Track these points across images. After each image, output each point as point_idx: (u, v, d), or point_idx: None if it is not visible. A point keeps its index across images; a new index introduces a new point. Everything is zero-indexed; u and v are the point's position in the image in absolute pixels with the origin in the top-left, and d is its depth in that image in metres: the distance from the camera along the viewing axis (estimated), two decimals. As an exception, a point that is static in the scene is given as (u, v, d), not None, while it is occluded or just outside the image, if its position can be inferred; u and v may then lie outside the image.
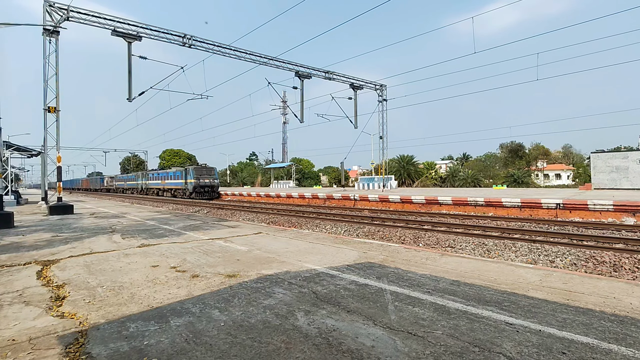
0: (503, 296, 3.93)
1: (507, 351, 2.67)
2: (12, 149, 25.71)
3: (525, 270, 5.15)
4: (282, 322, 3.30)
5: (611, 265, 6.96)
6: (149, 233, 9.44)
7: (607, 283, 4.44)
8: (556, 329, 3.05)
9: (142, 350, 2.75)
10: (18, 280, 4.90)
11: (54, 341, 2.95)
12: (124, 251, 6.90)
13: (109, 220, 13.26)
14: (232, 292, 4.19)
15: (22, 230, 10.24)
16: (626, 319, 3.25)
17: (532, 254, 7.99)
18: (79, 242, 8.03)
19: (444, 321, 3.26)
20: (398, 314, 3.44)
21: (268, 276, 4.91)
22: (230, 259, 6.09)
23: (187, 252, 6.67)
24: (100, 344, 2.89)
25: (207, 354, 2.70)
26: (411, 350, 2.71)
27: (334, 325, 3.19)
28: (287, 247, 7.08)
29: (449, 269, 5.22)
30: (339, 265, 5.52)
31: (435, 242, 9.71)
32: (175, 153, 73.26)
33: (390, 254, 6.29)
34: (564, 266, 7.20)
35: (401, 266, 5.39)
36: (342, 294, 4.09)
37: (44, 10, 16.17)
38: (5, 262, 6.06)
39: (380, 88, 29.81)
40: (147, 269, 5.43)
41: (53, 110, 16.53)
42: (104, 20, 17.41)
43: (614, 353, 2.63)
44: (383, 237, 10.85)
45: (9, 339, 3.00)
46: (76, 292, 4.29)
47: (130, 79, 17.62)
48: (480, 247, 8.89)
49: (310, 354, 2.68)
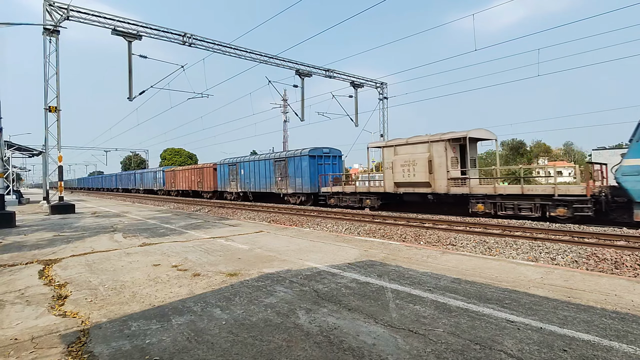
0: (504, 294, 3.93)
1: (508, 349, 2.67)
2: (14, 148, 25.78)
3: (527, 267, 5.15)
4: (283, 320, 3.30)
5: (612, 263, 6.95)
6: (150, 232, 9.46)
7: (609, 280, 4.43)
8: (557, 327, 3.05)
9: (144, 349, 2.76)
10: (20, 279, 4.92)
11: (56, 340, 2.96)
12: (126, 250, 6.91)
13: (110, 219, 13.29)
14: (234, 291, 4.20)
15: (23, 230, 10.27)
16: (627, 316, 3.25)
17: (533, 252, 7.98)
18: (81, 241, 8.05)
19: (445, 319, 3.26)
20: (399, 312, 3.44)
21: (269, 275, 4.91)
22: (232, 257, 6.10)
23: (188, 251, 6.69)
24: (102, 342, 2.90)
25: (209, 352, 2.71)
26: (412, 348, 2.71)
27: (335, 324, 3.20)
28: (288, 246, 7.08)
29: (450, 266, 5.22)
30: (340, 263, 5.53)
31: (436, 240, 9.71)
32: (176, 152, 73.31)
33: (391, 252, 6.29)
34: (565, 264, 7.19)
35: (402, 264, 5.39)
36: (343, 292, 4.10)
37: (44, 10, 16.16)
38: (7, 261, 6.08)
39: (381, 86, 29.75)
40: (148, 267, 5.44)
41: (54, 110, 16.54)
42: (104, 19, 17.39)
43: (615, 350, 2.63)
44: (384, 235, 10.85)
45: (11, 338, 3.01)
46: (78, 291, 4.31)
47: (130, 78, 17.61)
48: (481, 244, 8.88)
49: (311, 352, 2.69)
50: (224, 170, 28.37)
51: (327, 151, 21.98)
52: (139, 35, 18.04)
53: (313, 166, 20.92)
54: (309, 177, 20.69)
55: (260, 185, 24.54)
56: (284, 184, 22.33)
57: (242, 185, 26.33)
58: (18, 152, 28.87)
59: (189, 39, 19.83)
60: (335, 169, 22.18)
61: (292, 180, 21.70)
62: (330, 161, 22.08)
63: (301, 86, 24.88)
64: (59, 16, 16.39)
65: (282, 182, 22.56)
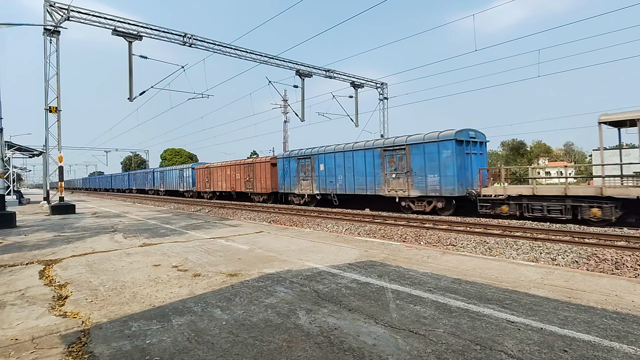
0: (504, 294, 3.93)
1: (508, 349, 2.67)
2: (14, 149, 25.79)
3: (527, 268, 5.15)
4: (283, 320, 3.30)
5: (613, 263, 6.95)
6: (150, 232, 9.46)
7: (609, 281, 4.43)
8: (558, 327, 3.05)
9: (145, 349, 2.76)
10: (21, 279, 4.92)
11: (56, 340, 2.96)
12: (126, 250, 6.92)
13: (110, 219, 13.29)
14: (234, 291, 4.20)
15: (24, 230, 10.28)
16: (628, 317, 3.25)
17: (534, 252, 7.97)
18: (81, 242, 8.05)
19: (445, 319, 3.26)
20: (399, 313, 3.44)
21: (269, 275, 4.91)
22: (232, 258, 6.10)
23: (188, 251, 6.69)
24: (103, 343, 2.90)
25: (209, 352, 2.71)
26: (413, 349, 2.71)
27: (336, 324, 3.20)
28: (289, 246, 7.08)
29: (450, 267, 5.22)
30: (340, 263, 5.52)
31: (436, 241, 9.71)
32: (177, 152, 73.33)
33: (392, 253, 6.29)
34: (566, 264, 7.18)
35: (402, 264, 5.39)
36: (344, 292, 4.10)
37: (44, 10, 16.18)
38: (8, 261, 6.09)
39: (381, 86, 29.75)
40: (149, 268, 5.45)
41: (54, 110, 16.56)
42: (104, 20, 17.40)
43: (615, 351, 2.63)
44: (384, 235, 10.85)
45: (12, 338, 3.01)
46: (78, 292, 4.31)
47: (131, 78, 17.62)
48: (481, 245, 8.88)
49: (311, 352, 2.69)
50: (290, 166, 21.70)
51: (472, 135, 15.31)
52: (140, 35, 18.05)
53: (460, 157, 14.22)
54: (455, 172, 13.98)
55: (356, 185, 17.84)
56: (403, 183, 15.66)
57: (323, 184, 19.78)
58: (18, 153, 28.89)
59: (189, 40, 19.84)
60: (481, 161, 15.64)
61: (418, 179, 15.17)
62: (477, 150, 15.47)
63: (301, 86, 24.88)
64: (60, 17, 16.41)
65: (398, 181, 15.88)
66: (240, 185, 26.01)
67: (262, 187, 23.99)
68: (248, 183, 25.15)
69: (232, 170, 27.04)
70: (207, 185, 30.20)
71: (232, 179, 27.04)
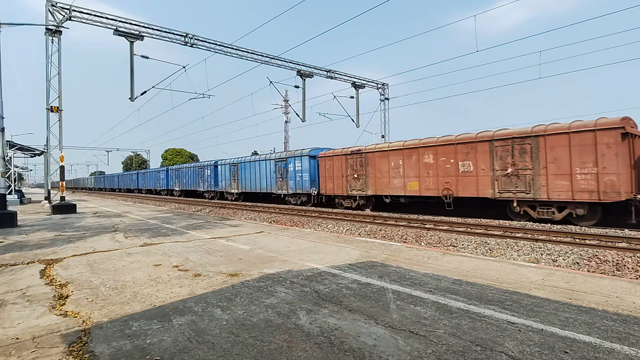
0: (505, 295, 3.92)
1: (509, 350, 2.67)
2: (16, 148, 25.86)
3: (528, 269, 5.14)
4: (284, 321, 3.30)
5: (614, 264, 6.93)
6: (151, 232, 9.47)
7: (610, 282, 4.42)
8: (558, 328, 3.04)
9: (145, 349, 2.77)
10: (21, 279, 4.93)
11: (57, 340, 2.96)
12: (127, 250, 6.93)
13: (111, 219, 13.31)
14: (235, 291, 4.21)
15: (25, 229, 10.30)
16: (629, 318, 3.24)
17: (535, 253, 7.96)
18: (82, 241, 8.07)
19: (446, 320, 3.26)
20: (400, 313, 3.44)
21: (270, 275, 4.92)
22: (233, 258, 6.10)
23: (189, 251, 6.69)
24: (103, 342, 2.90)
25: (210, 352, 2.71)
26: (413, 350, 2.71)
27: (336, 324, 3.20)
28: (289, 246, 7.08)
29: (451, 268, 5.21)
30: (340, 264, 5.52)
31: (437, 241, 9.70)
32: (178, 152, 73.39)
33: (392, 253, 6.29)
34: (567, 265, 7.17)
35: (403, 265, 5.38)
36: (344, 293, 4.10)
37: (46, 10, 16.22)
38: (9, 261, 6.10)
39: (382, 87, 29.75)
40: (149, 268, 5.45)
41: (56, 110, 16.60)
42: (106, 20, 17.44)
43: (616, 352, 2.62)
44: (385, 236, 10.84)
45: (13, 337, 3.02)
46: (79, 291, 4.32)
47: (132, 78, 17.65)
48: (482, 246, 8.87)
49: (312, 352, 2.69)
50: None
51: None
52: (141, 35, 18.08)
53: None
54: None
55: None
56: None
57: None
58: (20, 152, 28.96)
59: (190, 40, 19.87)
60: None
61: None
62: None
63: (302, 87, 24.89)
64: (61, 17, 16.45)
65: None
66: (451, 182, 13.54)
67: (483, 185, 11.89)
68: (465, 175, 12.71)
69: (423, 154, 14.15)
70: (352, 186, 17.02)
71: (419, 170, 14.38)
